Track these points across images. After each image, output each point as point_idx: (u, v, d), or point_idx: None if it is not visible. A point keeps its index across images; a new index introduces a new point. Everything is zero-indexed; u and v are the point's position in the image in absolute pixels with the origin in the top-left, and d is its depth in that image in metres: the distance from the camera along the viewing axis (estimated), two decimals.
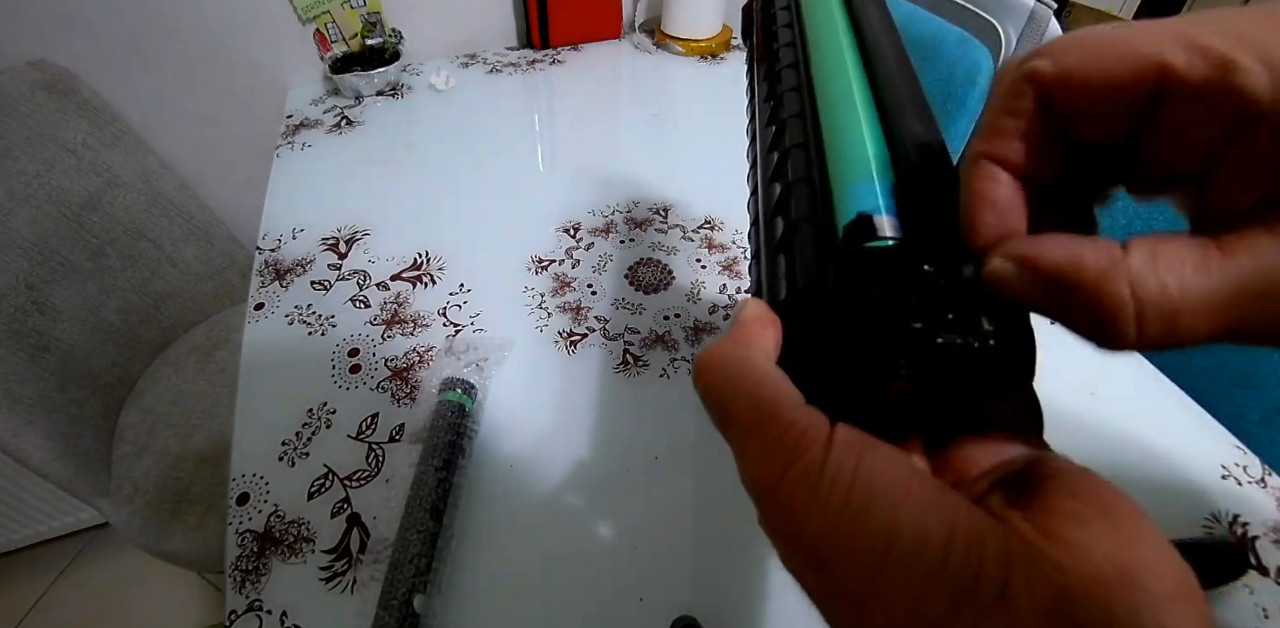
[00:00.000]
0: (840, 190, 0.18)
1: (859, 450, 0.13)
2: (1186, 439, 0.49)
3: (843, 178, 0.19)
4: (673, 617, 0.38)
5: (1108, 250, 0.13)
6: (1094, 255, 0.13)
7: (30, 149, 0.82)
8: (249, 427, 0.50)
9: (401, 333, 0.57)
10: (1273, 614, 0.39)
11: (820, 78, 0.23)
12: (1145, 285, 0.12)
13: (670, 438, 0.48)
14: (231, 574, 0.41)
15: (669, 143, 0.86)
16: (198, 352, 0.95)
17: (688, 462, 0.47)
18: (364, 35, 0.98)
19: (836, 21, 0.25)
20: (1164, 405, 0.51)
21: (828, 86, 0.22)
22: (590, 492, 0.45)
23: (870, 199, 0.17)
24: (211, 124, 1.02)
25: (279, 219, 0.72)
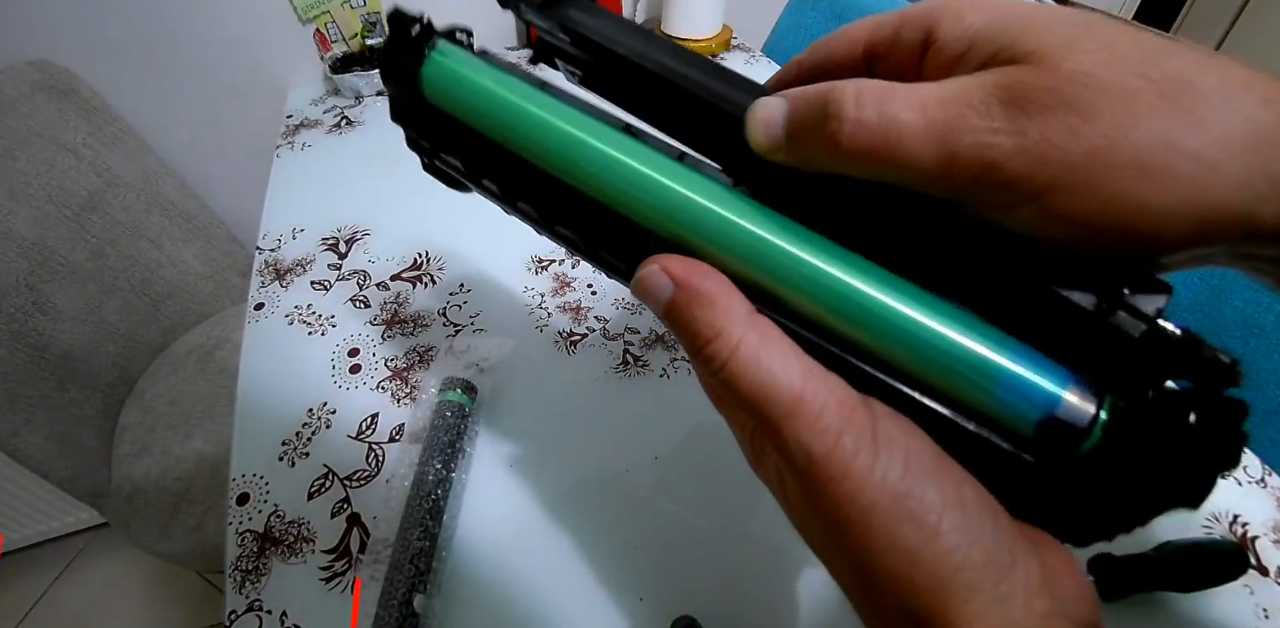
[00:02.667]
0: (975, 392, 0.15)
1: (903, 424, 0.15)
2: None
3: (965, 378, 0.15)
4: (673, 617, 0.38)
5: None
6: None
7: (30, 149, 0.82)
8: (249, 427, 0.50)
9: (401, 333, 0.57)
10: (1273, 615, 0.39)
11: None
12: (869, 96, 0.15)
13: (670, 438, 0.48)
14: (231, 574, 0.41)
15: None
16: (198, 352, 0.95)
17: (688, 462, 0.47)
18: (364, 35, 0.98)
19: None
20: None
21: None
22: (590, 492, 0.45)
23: (1030, 387, 0.15)
24: (211, 124, 1.02)
25: (279, 219, 0.72)
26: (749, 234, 0.17)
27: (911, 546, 0.14)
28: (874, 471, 0.14)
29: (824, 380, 0.15)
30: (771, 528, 0.43)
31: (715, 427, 0.49)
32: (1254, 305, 0.54)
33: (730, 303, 0.16)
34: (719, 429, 0.48)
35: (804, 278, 0.16)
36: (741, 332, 0.16)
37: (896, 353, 0.16)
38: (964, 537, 0.14)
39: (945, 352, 0.15)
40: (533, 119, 0.20)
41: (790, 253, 0.17)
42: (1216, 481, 0.14)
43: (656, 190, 0.18)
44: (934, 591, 0.14)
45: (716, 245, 0.17)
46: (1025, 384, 0.15)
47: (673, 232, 0.18)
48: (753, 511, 0.44)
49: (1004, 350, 0.15)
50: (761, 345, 0.15)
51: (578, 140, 0.19)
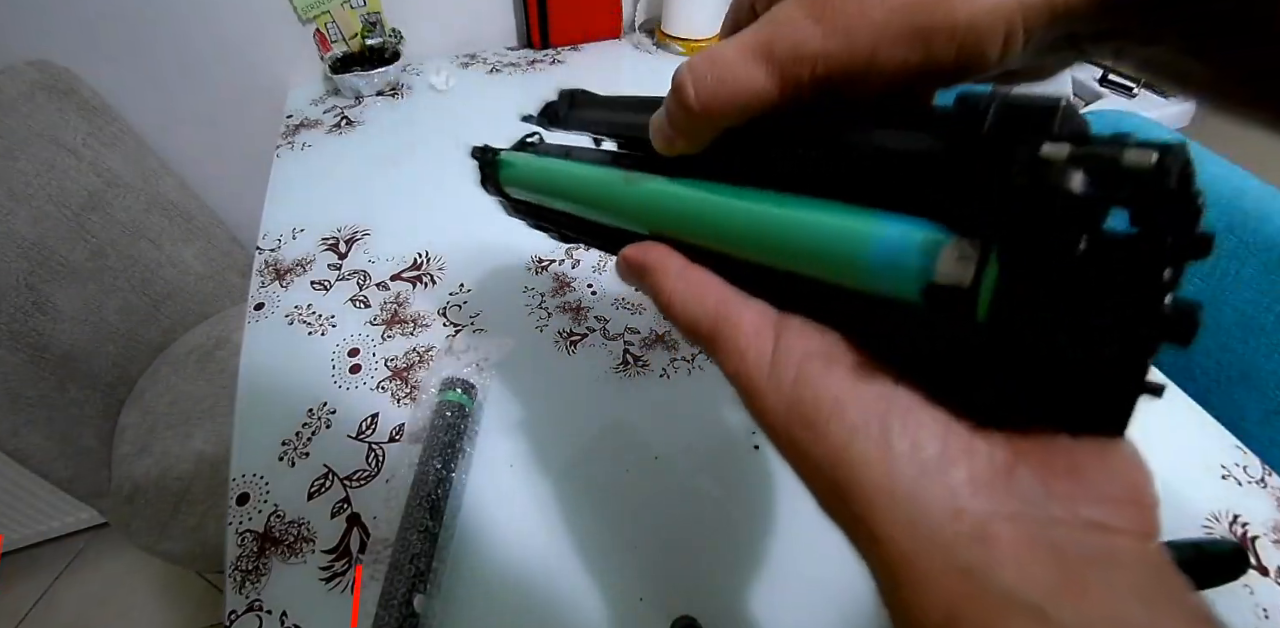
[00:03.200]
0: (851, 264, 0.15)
1: (809, 334, 0.16)
2: (1186, 439, 0.49)
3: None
4: (673, 617, 0.38)
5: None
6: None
7: (30, 149, 0.82)
8: (249, 427, 0.50)
9: (401, 333, 0.57)
10: (1273, 615, 0.39)
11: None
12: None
13: (670, 438, 0.48)
14: (231, 574, 0.41)
15: None
16: (198, 352, 0.95)
17: (688, 462, 0.47)
18: (364, 35, 0.98)
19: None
20: (1163, 405, 0.51)
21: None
22: (590, 492, 0.45)
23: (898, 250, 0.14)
24: (211, 124, 1.02)
25: (279, 219, 0.72)
26: (659, 211, 0.22)
27: (807, 449, 0.15)
28: (769, 381, 0.16)
29: (738, 308, 0.18)
30: (772, 528, 0.43)
31: (715, 427, 0.49)
32: (1254, 305, 0.54)
33: (665, 264, 0.20)
34: (719, 429, 0.48)
35: (696, 223, 0.21)
36: (672, 284, 0.20)
37: (779, 256, 0.18)
38: (857, 435, 0.14)
39: (812, 237, 0.16)
40: (548, 176, 0.30)
41: (675, 208, 0.21)
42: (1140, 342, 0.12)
43: (609, 202, 0.25)
44: (842, 493, 0.14)
45: (653, 226, 0.23)
46: (891, 248, 0.14)
47: (631, 225, 0.24)
48: (753, 511, 0.44)
49: (868, 220, 0.15)
50: (687, 290, 0.19)
51: (566, 178, 0.28)
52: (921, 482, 0.13)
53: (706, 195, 0.20)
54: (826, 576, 0.40)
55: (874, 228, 0.15)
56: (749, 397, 0.17)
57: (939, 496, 0.13)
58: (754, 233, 0.18)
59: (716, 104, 0.17)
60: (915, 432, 0.14)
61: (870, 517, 0.13)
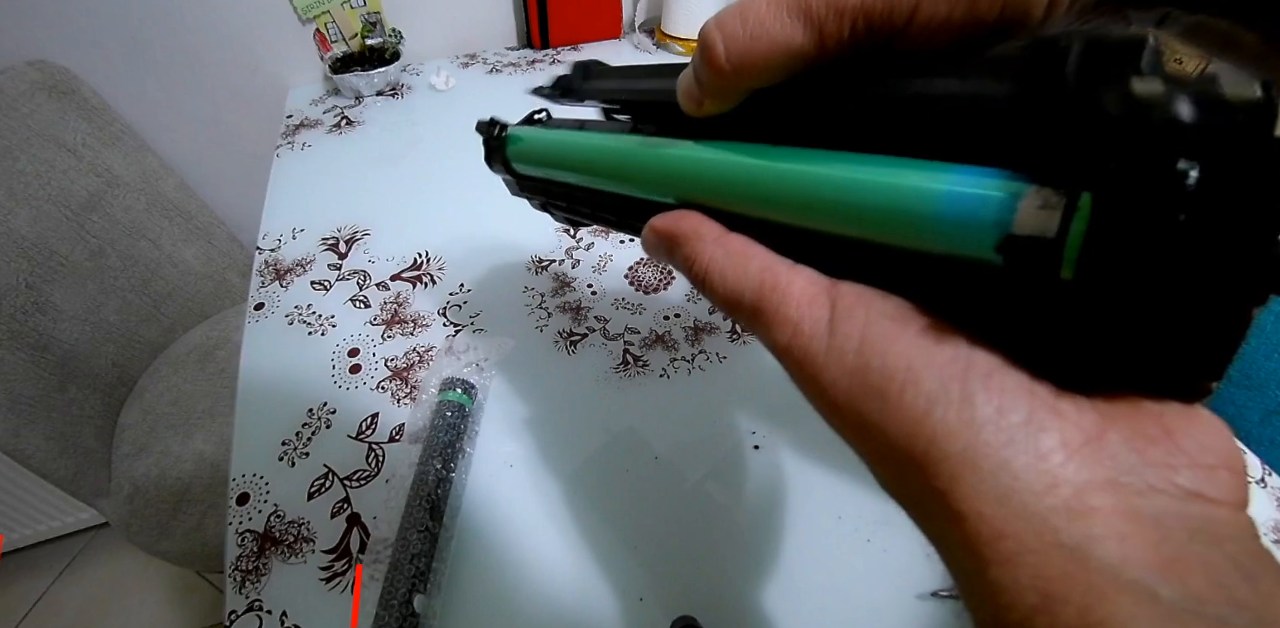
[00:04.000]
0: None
1: (867, 299, 0.15)
2: None
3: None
4: (673, 617, 0.38)
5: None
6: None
7: (30, 149, 0.82)
8: (249, 427, 0.50)
9: (401, 333, 0.57)
10: None
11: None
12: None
13: (670, 438, 0.48)
14: (231, 574, 0.41)
15: None
16: (198, 352, 0.95)
17: (688, 462, 0.47)
18: (364, 35, 0.98)
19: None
20: None
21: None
22: (590, 492, 0.45)
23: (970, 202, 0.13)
24: (211, 124, 1.03)
25: (279, 219, 0.72)
26: (689, 177, 0.20)
27: (879, 423, 0.13)
28: (830, 351, 0.15)
29: (786, 275, 0.16)
30: (772, 528, 0.43)
31: (715, 427, 0.49)
32: None
33: (700, 232, 0.19)
34: (719, 429, 0.48)
35: (732, 186, 0.19)
36: (710, 251, 0.18)
37: (831, 219, 0.16)
38: (936, 404, 0.13)
39: (868, 195, 0.15)
40: (563, 148, 0.28)
41: (707, 171, 0.19)
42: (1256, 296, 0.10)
43: (630, 170, 0.23)
44: (921, 467, 0.13)
45: (683, 194, 0.21)
46: (962, 201, 0.13)
47: (656, 194, 0.22)
48: (753, 510, 0.44)
49: (931, 173, 0.14)
50: (726, 258, 0.18)
51: (583, 149, 0.26)
52: (1011, 450, 0.12)
53: (742, 157, 0.19)
54: (826, 575, 0.40)
55: (939, 181, 0.14)
56: (805, 370, 0.15)
57: (1030, 465, 0.12)
58: (800, 194, 0.17)
59: (749, 62, 0.16)
60: (999, 397, 0.12)
61: (954, 491, 0.12)
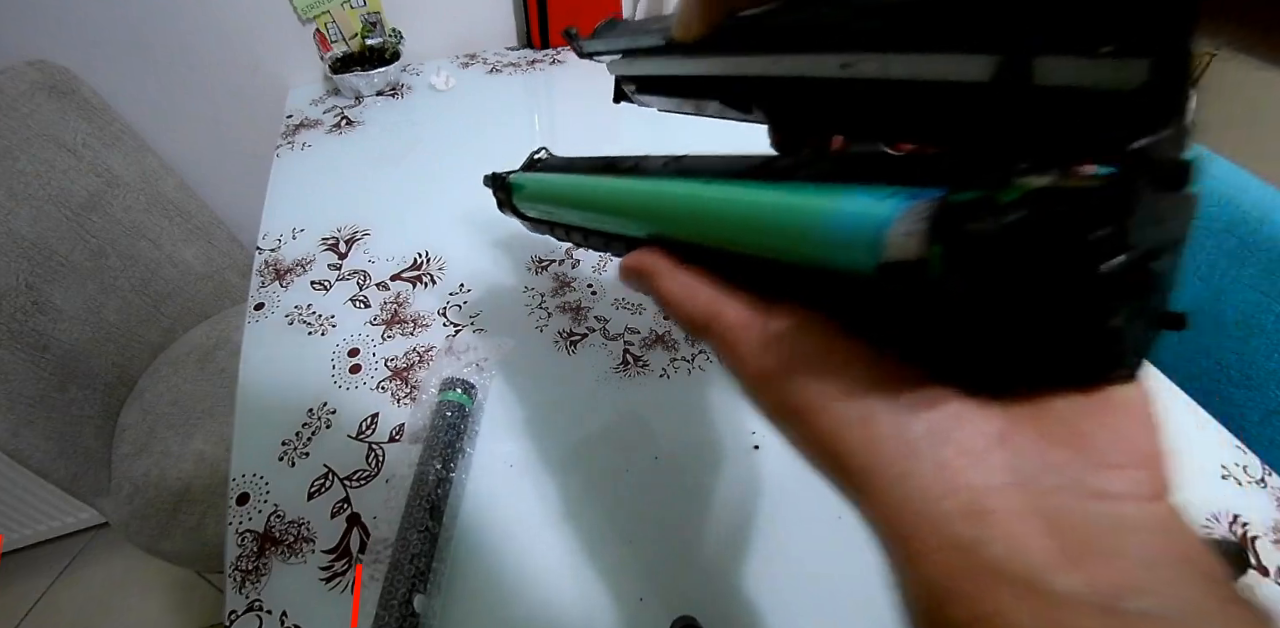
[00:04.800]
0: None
1: (793, 322, 0.17)
2: (1186, 439, 0.49)
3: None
4: (673, 617, 0.38)
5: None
6: None
7: (30, 149, 0.82)
8: (249, 427, 0.50)
9: (401, 333, 0.57)
10: (1273, 614, 0.39)
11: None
12: None
13: (670, 438, 0.48)
14: (231, 574, 0.41)
15: (670, 142, 0.86)
16: (198, 352, 0.95)
17: (688, 462, 0.46)
18: (364, 35, 0.98)
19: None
20: (1163, 405, 0.51)
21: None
22: (590, 492, 0.45)
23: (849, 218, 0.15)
24: (211, 124, 1.03)
25: (279, 219, 0.72)
26: (645, 206, 0.24)
27: (803, 436, 0.16)
28: (760, 374, 0.17)
29: (724, 303, 0.19)
30: (772, 528, 0.43)
31: (715, 427, 0.49)
32: (1254, 305, 0.54)
33: (658, 268, 0.22)
34: (719, 429, 0.48)
35: (673, 212, 0.22)
36: (668, 285, 0.21)
37: (746, 238, 0.19)
38: (844, 424, 0.14)
39: (770, 216, 0.17)
40: (555, 192, 0.32)
41: (656, 201, 0.23)
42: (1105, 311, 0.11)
43: (606, 204, 0.27)
44: (841, 478, 0.14)
45: (646, 225, 0.24)
46: (842, 224, 0.14)
47: (630, 228, 0.25)
48: (753, 510, 0.44)
49: (825, 196, 0.15)
50: (680, 290, 0.21)
51: (567, 191, 0.31)
52: (913, 462, 0.13)
53: (680, 186, 0.22)
54: (826, 575, 0.40)
55: (828, 203, 0.15)
56: (745, 386, 0.18)
57: (931, 473, 0.13)
58: (720, 216, 0.20)
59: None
60: (901, 413, 0.14)
61: (869, 499, 0.14)
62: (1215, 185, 0.57)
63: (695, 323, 0.20)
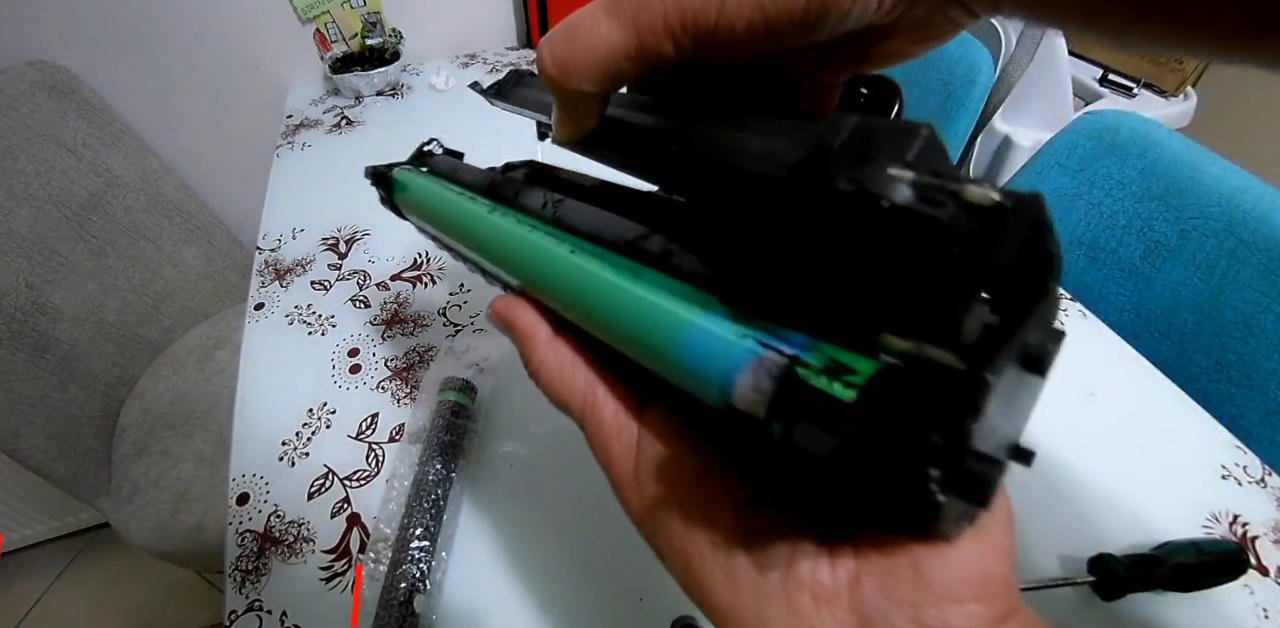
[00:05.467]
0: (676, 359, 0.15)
1: (664, 460, 0.17)
2: (1186, 439, 0.49)
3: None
4: (672, 617, 0.38)
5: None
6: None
7: (30, 149, 0.82)
8: (249, 427, 0.50)
9: (402, 333, 0.57)
10: (1273, 615, 0.39)
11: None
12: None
13: None
14: (231, 574, 0.41)
15: None
16: (198, 352, 0.95)
17: None
18: (364, 35, 0.98)
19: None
20: (1164, 406, 0.51)
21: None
22: (590, 491, 0.45)
23: (703, 353, 0.14)
24: (211, 124, 1.03)
25: (279, 219, 0.72)
26: (511, 254, 0.22)
27: (665, 556, 0.16)
28: (632, 487, 0.17)
29: (603, 397, 0.19)
30: None
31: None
32: (1254, 305, 0.54)
33: (535, 333, 0.21)
34: None
35: (536, 272, 0.20)
36: (541, 355, 0.20)
37: (607, 331, 0.17)
38: (706, 560, 0.15)
39: (634, 314, 0.16)
40: (433, 206, 0.28)
41: (521, 253, 0.21)
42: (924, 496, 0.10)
43: (474, 246, 0.24)
44: (699, 605, 0.15)
45: (521, 278, 0.22)
46: (697, 347, 0.14)
47: (497, 269, 0.23)
48: None
49: (688, 308, 0.15)
50: (556, 367, 0.20)
51: (441, 214, 0.27)
52: (769, 607, 0.14)
53: (547, 246, 0.20)
54: None
55: (684, 322, 0.14)
56: (615, 489, 0.18)
57: (782, 619, 0.13)
58: (582, 299, 0.18)
59: (573, 65, 0.16)
60: (760, 557, 0.14)
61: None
62: (1215, 185, 0.57)
63: (570, 407, 0.19)
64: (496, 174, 0.26)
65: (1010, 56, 1.02)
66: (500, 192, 0.25)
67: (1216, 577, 0.39)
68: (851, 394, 0.11)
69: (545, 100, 0.24)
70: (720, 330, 0.14)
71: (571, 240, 0.20)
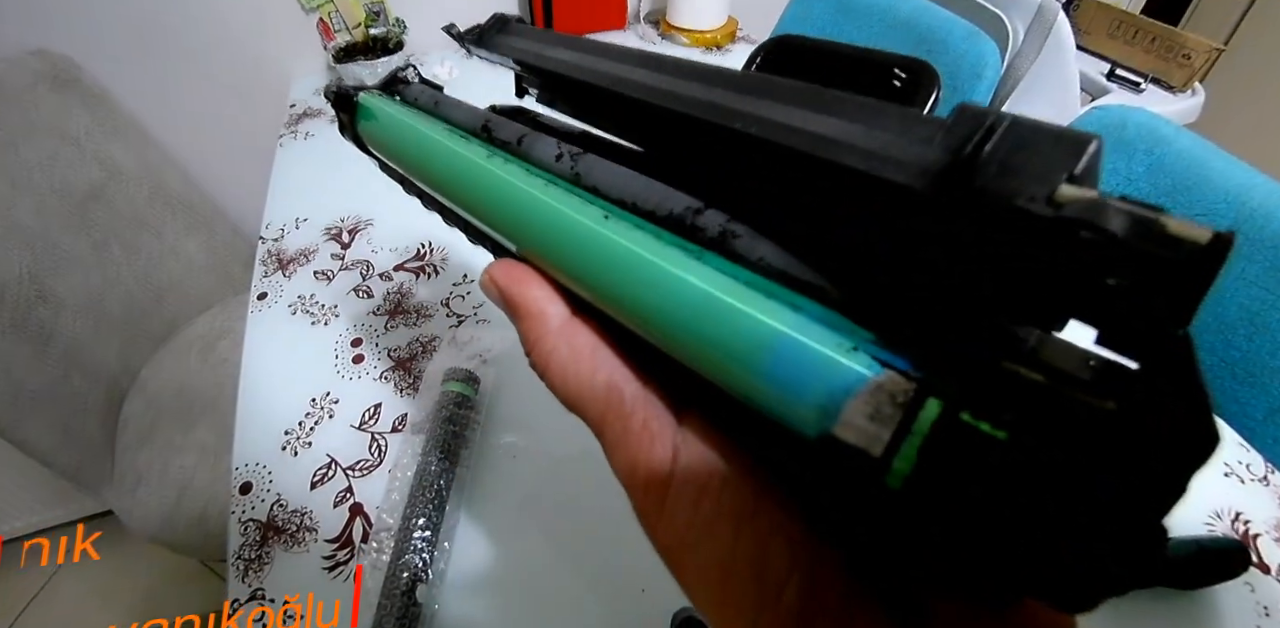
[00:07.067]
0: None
1: (707, 456, 0.14)
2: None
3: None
4: (674, 608, 0.38)
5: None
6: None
7: (33, 140, 0.82)
8: (252, 417, 0.50)
9: (404, 323, 0.57)
10: (1274, 612, 0.39)
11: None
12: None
13: None
14: (234, 563, 0.42)
15: None
16: (200, 342, 0.95)
17: None
18: (367, 25, 0.97)
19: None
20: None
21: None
22: (592, 482, 0.45)
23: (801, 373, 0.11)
24: (214, 114, 1.02)
25: (282, 209, 0.72)
26: (518, 218, 0.17)
27: (699, 599, 0.13)
28: (664, 512, 0.14)
29: (630, 399, 0.15)
30: None
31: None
32: (1259, 303, 0.54)
33: (545, 312, 0.16)
34: None
35: (556, 247, 0.16)
36: (553, 343, 0.16)
37: (656, 331, 0.14)
38: (756, 615, 0.12)
39: (701, 319, 0.13)
40: (404, 142, 0.23)
41: (535, 216, 0.16)
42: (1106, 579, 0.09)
43: (462, 190, 0.20)
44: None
45: (530, 246, 0.17)
46: (790, 363, 0.11)
47: (493, 230, 0.19)
48: None
49: (783, 312, 0.11)
50: (571, 359, 0.15)
51: (421, 157, 0.22)
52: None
53: (569, 208, 0.16)
54: None
55: (773, 328, 0.11)
56: (638, 514, 0.15)
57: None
58: (618, 282, 0.14)
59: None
60: (815, 615, 0.12)
61: None
62: (1222, 182, 0.56)
63: (586, 410, 0.15)
64: (490, 113, 0.21)
65: (1017, 50, 1.02)
66: (497, 134, 0.20)
67: (1217, 574, 0.39)
68: (1004, 435, 0.08)
69: (531, 50, 0.20)
70: (821, 342, 0.11)
71: (602, 205, 0.15)
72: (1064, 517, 0.08)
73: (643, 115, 0.16)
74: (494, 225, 0.19)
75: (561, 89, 0.21)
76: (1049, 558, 0.09)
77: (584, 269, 0.15)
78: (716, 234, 0.13)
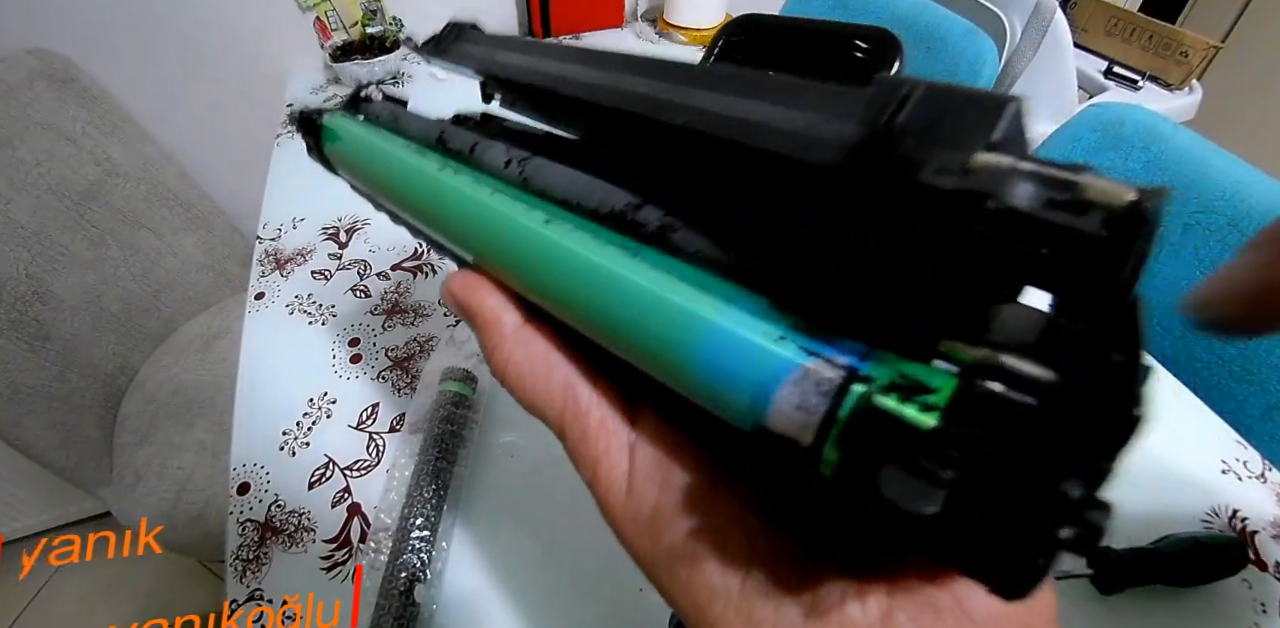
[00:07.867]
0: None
1: (663, 468, 0.14)
2: (1186, 434, 0.49)
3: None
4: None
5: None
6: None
7: (30, 138, 0.82)
8: (249, 416, 0.50)
9: (402, 323, 0.57)
10: (1271, 609, 0.39)
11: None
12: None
13: None
14: (232, 563, 0.42)
15: None
16: (198, 341, 0.95)
17: None
18: (364, 23, 0.97)
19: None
20: (1164, 400, 0.51)
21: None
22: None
23: (733, 358, 0.11)
24: (211, 113, 1.02)
25: (279, 208, 0.72)
26: (467, 225, 0.18)
27: (668, 591, 0.14)
28: (627, 507, 0.15)
29: (586, 401, 0.16)
30: None
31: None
32: None
33: (500, 320, 0.17)
34: None
35: (503, 251, 0.17)
36: (509, 349, 0.17)
37: (595, 327, 0.14)
38: (718, 597, 0.12)
39: (637, 313, 0.13)
40: (369, 162, 0.24)
41: (482, 223, 0.17)
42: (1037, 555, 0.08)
43: (424, 215, 0.20)
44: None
45: (480, 253, 0.18)
46: (721, 354, 0.11)
47: (455, 243, 0.19)
48: None
49: (713, 304, 0.11)
50: (527, 362, 0.16)
51: (381, 174, 0.23)
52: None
53: (514, 214, 0.16)
54: None
55: (702, 319, 0.11)
56: (605, 511, 0.15)
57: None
58: (561, 284, 0.15)
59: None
60: (780, 594, 0.12)
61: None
62: (1219, 179, 0.56)
63: (545, 413, 0.16)
64: (446, 124, 0.22)
65: (1015, 48, 1.02)
66: (451, 145, 0.20)
67: (1215, 572, 0.39)
68: (930, 420, 0.08)
69: (490, 58, 0.21)
70: (749, 332, 0.11)
71: (546, 208, 0.16)
72: (985, 506, 0.08)
73: (585, 112, 0.16)
74: (447, 235, 0.19)
75: (516, 92, 0.21)
76: (974, 545, 0.08)
77: (528, 273, 0.16)
78: (655, 228, 0.14)
